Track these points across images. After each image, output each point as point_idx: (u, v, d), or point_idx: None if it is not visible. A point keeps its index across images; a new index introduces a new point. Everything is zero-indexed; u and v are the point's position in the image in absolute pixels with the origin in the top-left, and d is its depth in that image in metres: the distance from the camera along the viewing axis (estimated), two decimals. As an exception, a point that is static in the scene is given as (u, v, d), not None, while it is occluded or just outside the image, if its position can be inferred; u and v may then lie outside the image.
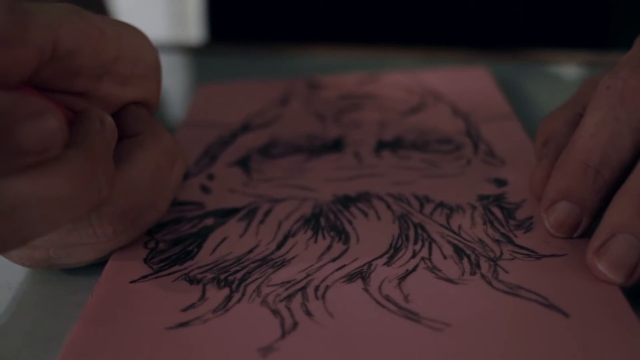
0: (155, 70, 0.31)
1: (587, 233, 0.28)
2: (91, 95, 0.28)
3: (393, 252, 0.29)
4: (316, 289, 0.27)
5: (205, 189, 0.35)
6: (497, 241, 0.29)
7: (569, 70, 0.53)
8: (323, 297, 0.27)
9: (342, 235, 0.30)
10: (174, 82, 0.57)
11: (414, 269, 0.28)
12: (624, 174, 0.28)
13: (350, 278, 0.27)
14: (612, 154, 0.28)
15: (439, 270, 0.27)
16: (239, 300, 0.27)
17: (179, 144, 0.32)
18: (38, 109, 0.22)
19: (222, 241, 0.31)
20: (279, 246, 0.30)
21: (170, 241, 0.31)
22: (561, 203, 0.28)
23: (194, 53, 0.62)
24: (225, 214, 0.33)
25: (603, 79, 0.29)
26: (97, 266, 0.30)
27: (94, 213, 0.27)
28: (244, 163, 0.38)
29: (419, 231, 0.30)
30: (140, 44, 0.30)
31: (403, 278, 0.27)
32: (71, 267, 0.30)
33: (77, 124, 0.25)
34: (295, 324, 0.25)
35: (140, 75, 0.30)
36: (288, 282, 0.27)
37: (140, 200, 0.28)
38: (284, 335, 0.25)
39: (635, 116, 0.28)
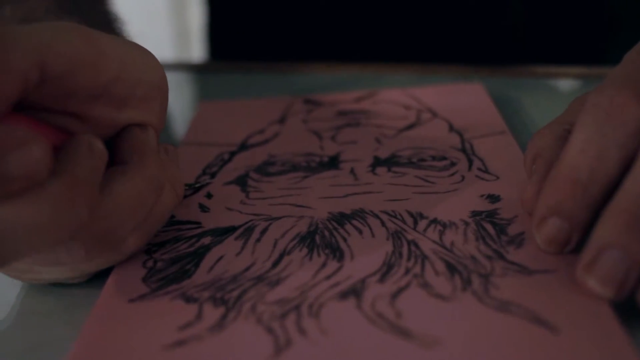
0: (158, 91, 0.31)
1: (577, 248, 0.28)
2: (86, 116, 0.28)
3: (386, 269, 0.29)
4: (310, 306, 0.27)
5: (203, 208, 0.36)
6: (489, 257, 0.29)
7: (564, 84, 0.54)
8: (317, 315, 0.27)
9: (337, 252, 0.31)
10: (176, 99, 0.58)
11: (406, 286, 0.28)
12: (612, 189, 0.28)
13: (343, 295, 0.28)
14: (599, 170, 0.28)
15: (431, 287, 0.28)
16: (234, 319, 0.27)
17: (177, 171, 0.32)
18: (23, 139, 0.23)
19: (218, 260, 0.31)
20: (275, 264, 0.30)
21: (168, 260, 0.31)
22: (551, 219, 0.29)
23: (195, 71, 0.63)
24: (222, 233, 0.33)
25: (590, 96, 0.30)
26: (94, 285, 0.31)
27: None
28: (241, 181, 0.38)
29: (412, 248, 0.31)
30: (145, 64, 0.30)
31: (396, 295, 0.28)
32: (57, 283, 0.30)
33: (65, 149, 0.26)
34: (288, 342, 0.26)
35: (141, 97, 0.30)
36: (283, 300, 0.28)
37: (115, 227, 0.28)
38: (278, 353, 0.25)
39: (622, 132, 0.28)
